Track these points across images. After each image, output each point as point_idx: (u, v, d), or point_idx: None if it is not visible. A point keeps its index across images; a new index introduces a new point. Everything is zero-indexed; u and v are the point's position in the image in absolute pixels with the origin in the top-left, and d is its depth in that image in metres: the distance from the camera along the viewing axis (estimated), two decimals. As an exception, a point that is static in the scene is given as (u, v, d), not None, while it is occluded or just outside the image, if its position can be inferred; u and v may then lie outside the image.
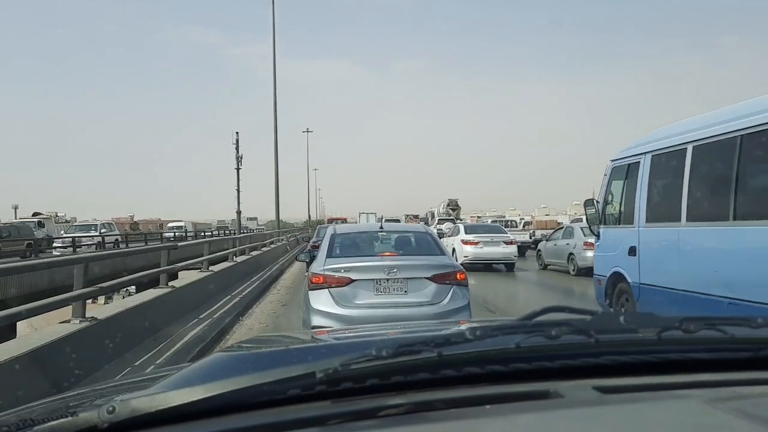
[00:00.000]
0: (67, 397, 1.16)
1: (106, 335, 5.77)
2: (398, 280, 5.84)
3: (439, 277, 5.91)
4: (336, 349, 1.29)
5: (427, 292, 5.85)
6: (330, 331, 2.69)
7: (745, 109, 5.56)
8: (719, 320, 1.06)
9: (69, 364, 4.83)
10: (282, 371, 0.89)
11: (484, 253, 17.41)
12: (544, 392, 0.90)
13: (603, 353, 1.01)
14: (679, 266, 6.27)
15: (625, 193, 7.57)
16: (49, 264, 9.62)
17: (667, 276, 6.49)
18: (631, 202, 7.35)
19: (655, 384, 0.95)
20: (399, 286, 5.85)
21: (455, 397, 0.90)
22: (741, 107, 5.70)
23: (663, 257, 6.63)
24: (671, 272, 6.40)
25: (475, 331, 0.95)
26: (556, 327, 0.95)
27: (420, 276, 5.91)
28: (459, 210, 47.69)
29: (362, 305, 5.74)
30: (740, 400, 0.87)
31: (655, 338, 0.99)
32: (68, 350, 4.97)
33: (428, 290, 5.86)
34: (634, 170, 7.36)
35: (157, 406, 0.87)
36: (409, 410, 0.85)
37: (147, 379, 1.24)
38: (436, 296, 5.84)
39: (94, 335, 5.62)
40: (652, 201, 6.95)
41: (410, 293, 5.84)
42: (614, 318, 1.10)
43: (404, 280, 5.85)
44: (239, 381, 0.89)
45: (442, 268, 6.03)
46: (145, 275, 8.58)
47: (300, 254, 7.74)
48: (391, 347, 0.90)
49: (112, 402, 0.88)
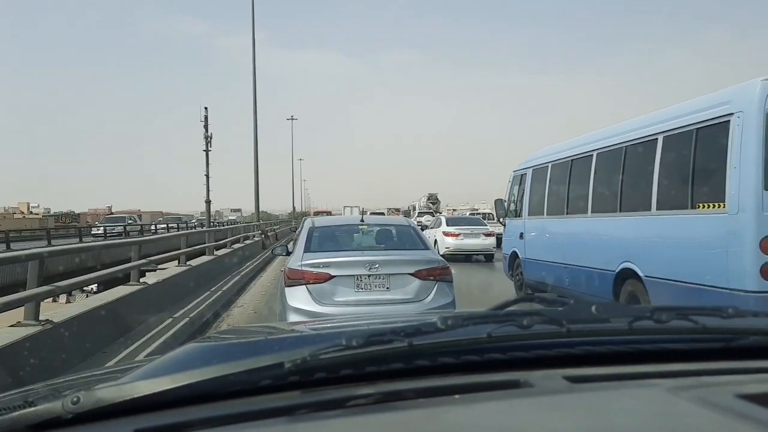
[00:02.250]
0: (31, 390, 1.14)
1: (65, 340, 5.15)
2: (380, 276, 5.66)
3: (423, 273, 5.73)
4: (307, 340, 1.27)
5: (410, 289, 5.68)
6: (308, 323, 2.61)
7: (577, 142, 8.62)
8: (690, 310, 1.06)
9: (19, 374, 4.26)
10: (251, 361, 0.89)
11: (465, 245, 18.68)
12: (515, 381, 0.91)
13: (574, 343, 1.02)
14: (543, 245, 9.38)
15: (518, 195, 10.65)
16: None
17: (537, 252, 9.59)
18: (521, 201, 10.43)
19: (624, 374, 0.96)
20: (381, 282, 5.67)
21: (425, 387, 0.90)
22: (576, 141, 8.76)
23: (535, 239, 9.74)
24: (539, 249, 9.50)
25: (447, 321, 0.94)
26: (527, 316, 0.96)
27: (403, 272, 5.74)
28: (439, 203, 51.46)
29: (342, 303, 5.54)
30: (703, 388, 0.88)
31: (626, 328, 1.00)
32: (17, 357, 4.39)
33: (411, 287, 5.69)
34: (524, 179, 10.44)
35: (123, 396, 0.86)
36: (379, 400, 0.86)
37: (116, 371, 1.24)
38: (419, 293, 5.67)
39: (51, 340, 4.96)
40: (532, 201, 10.03)
41: (392, 290, 5.66)
42: (586, 308, 1.09)
43: (386, 276, 5.67)
44: (208, 371, 0.89)
45: (426, 263, 5.85)
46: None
47: (277, 247, 7.76)
48: (362, 337, 0.90)
49: (77, 393, 0.87)
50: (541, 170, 9.66)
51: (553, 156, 9.30)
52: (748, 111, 5.09)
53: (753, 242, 4.98)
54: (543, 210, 9.41)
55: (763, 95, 5.03)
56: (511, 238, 10.84)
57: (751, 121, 5.06)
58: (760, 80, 5.12)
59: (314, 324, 1.84)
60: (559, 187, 9.02)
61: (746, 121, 5.09)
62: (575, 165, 8.46)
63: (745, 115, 5.10)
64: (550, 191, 9.24)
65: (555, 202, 9.10)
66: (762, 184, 4.97)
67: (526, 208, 10.19)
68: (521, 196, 10.46)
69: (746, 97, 5.17)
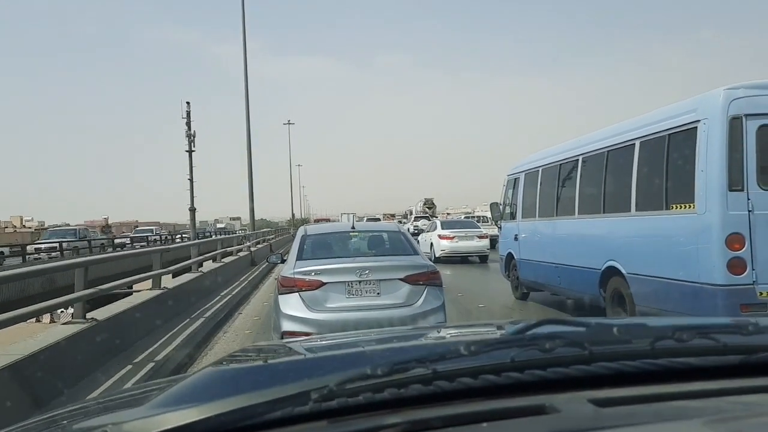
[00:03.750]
0: (56, 416, 1.16)
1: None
2: (370, 281, 5.76)
3: (413, 278, 5.85)
4: (330, 363, 1.25)
5: (401, 294, 5.79)
6: (323, 337, 2.64)
7: (565, 147, 9.05)
8: (711, 328, 1.09)
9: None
10: (276, 390, 0.90)
11: (459, 247, 19.34)
12: (540, 406, 0.90)
13: (597, 365, 1.01)
14: (536, 246, 9.80)
15: (512, 198, 11.07)
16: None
17: (531, 252, 10.00)
18: (515, 204, 10.85)
19: (649, 395, 0.96)
20: (371, 288, 5.77)
21: (451, 414, 0.90)
22: (564, 146, 9.18)
23: (529, 241, 10.16)
24: (533, 250, 9.92)
25: (470, 347, 0.96)
26: (550, 340, 0.97)
27: (393, 277, 5.86)
28: (435, 208, 52.16)
29: (334, 309, 5.66)
30: (738, 421, 0.88)
31: (648, 348, 1.00)
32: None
33: (401, 291, 5.80)
34: (517, 183, 10.86)
35: (149, 429, 0.86)
36: (406, 429, 0.85)
37: (137, 396, 1.24)
38: (409, 297, 5.78)
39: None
40: (525, 204, 10.44)
41: (383, 295, 5.77)
42: (608, 329, 1.11)
43: (377, 282, 5.78)
44: (233, 402, 0.89)
45: (416, 268, 5.98)
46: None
47: (272, 256, 7.85)
48: (386, 365, 0.90)
49: (104, 427, 0.88)
50: (533, 174, 10.09)
51: (544, 160, 9.72)
52: (712, 118, 5.51)
53: (719, 239, 5.39)
54: (535, 212, 9.84)
55: (726, 103, 5.45)
56: (507, 239, 11.26)
57: (715, 127, 5.47)
58: (723, 90, 5.53)
59: (327, 341, 1.90)
60: (549, 190, 9.43)
61: (711, 127, 5.50)
62: (563, 169, 8.88)
63: (710, 122, 5.52)
64: (541, 194, 9.67)
65: (546, 204, 9.52)
66: (726, 185, 5.38)
67: (519, 210, 10.61)
68: (515, 199, 10.89)
69: (710, 105, 5.59)
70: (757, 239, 5.34)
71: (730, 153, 5.39)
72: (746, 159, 5.39)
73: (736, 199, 5.37)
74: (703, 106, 5.72)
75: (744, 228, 5.35)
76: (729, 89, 5.51)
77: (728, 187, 5.38)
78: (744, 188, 5.37)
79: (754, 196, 5.37)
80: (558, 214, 8.97)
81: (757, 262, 5.33)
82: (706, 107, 5.66)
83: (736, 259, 5.34)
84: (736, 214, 5.36)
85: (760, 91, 5.49)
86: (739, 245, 5.34)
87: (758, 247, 5.33)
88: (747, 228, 5.35)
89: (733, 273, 5.33)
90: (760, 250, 5.33)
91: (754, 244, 5.34)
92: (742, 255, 5.34)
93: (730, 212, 5.37)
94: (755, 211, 5.36)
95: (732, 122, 5.40)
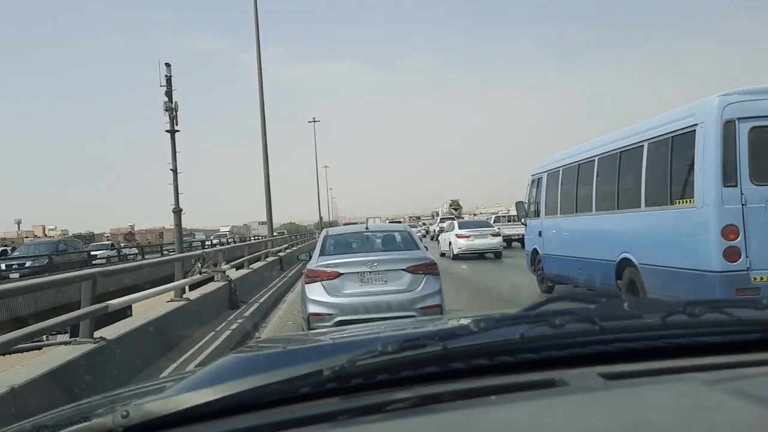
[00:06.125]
0: (82, 404, 1.21)
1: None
2: (379, 272, 6.92)
3: (413, 268, 6.98)
4: (343, 347, 1.29)
5: (404, 281, 6.90)
6: (340, 330, 2.79)
7: (583, 148, 9.68)
8: (724, 303, 1.06)
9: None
10: (291, 370, 0.92)
11: (475, 245, 21.06)
12: (550, 381, 0.91)
13: (608, 340, 1.00)
14: (558, 241, 10.42)
15: (536, 197, 11.71)
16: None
17: (554, 248, 10.63)
18: (538, 203, 11.49)
19: (659, 369, 0.96)
20: (380, 277, 6.91)
21: (461, 389, 0.90)
22: (583, 147, 9.81)
23: (552, 236, 10.79)
24: (555, 245, 10.55)
25: (480, 323, 0.96)
26: (559, 316, 0.96)
27: (397, 268, 6.98)
28: (460, 209, 52.89)
29: (349, 294, 6.82)
30: (738, 380, 0.87)
31: (659, 323, 0.99)
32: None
33: (404, 280, 6.91)
34: (540, 182, 11.50)
35: (169, 409, 0.90)
36: (416, 403, 0.87)
37: (160, 384, 1.28)
38: (411, 284, 6.89)
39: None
40: (547, 202, 11.08)
41: (389, 282, 6.90)
42: (618, 305, 1.10)
43: (384, 272, 6.92)
44: (249, 381, 0.91)
45: (416, 260, 7.12)
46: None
47: (301, 254, 8.58)
48: (397, 342, 0.91)
49: (126, 407, 0.90)
50: (554, 174, 10.72)
51: (564, 161, 10.36)
52: (709, 121, 6.12)
53: (716, 231, 6.00)
54: (557, 210, 10.48)
55: (721, 108, 6.05)
56: (532, 236, 11.91)
57: (711, 129, 6.09)
58: (718, 96, 6.14)
59: (345, 331, 1.99)
60: (569, 188, 10.06)
61: (707, 130, 6.12)
62: (582, 168, 9.52)
63: (706, 125, 6.14)
64: (562, 192, 10.31)
65: (566, 202, 10.15)
66: (721, 182, 5.99)
67: (543, 208, 11.25)
68: (539, 198, 11.52)
69: (707, 110, 6.20)
70: (750, 230, 5.93)
71: (724, 152, 5.99)
72: (739, 157, 5.98)
73: (731, 194, 5.97)
74: (700, 110, 6.33)
75: (738, 220, 5.95)
76: (723, 95, 6.12)
77: (723, 183, 5.98)
78: (737, 184, 5.97)
79: (747, 191, 5.96)
80: (578, 211, 9.60)
81: (750, 251, 5.92)
82: (703, 112, 6.27)
83: (731, 248, 5.94)
84: (730, 208, 5.96)
85: (752, 96, 6.09)
86: (734, 235, 5.94)
87: (751, 237, 5.92)
88: (741, 220, 5.94)
89: (729, 260, 5.93)
90: (753, 240, 5.92)
91: (748, 235, 5.93)
92: (736, 244, 5.94)
93: (725, 206, 5.97)
94: (748, 204, 5.95)
95: (726, 125, 6.00)
